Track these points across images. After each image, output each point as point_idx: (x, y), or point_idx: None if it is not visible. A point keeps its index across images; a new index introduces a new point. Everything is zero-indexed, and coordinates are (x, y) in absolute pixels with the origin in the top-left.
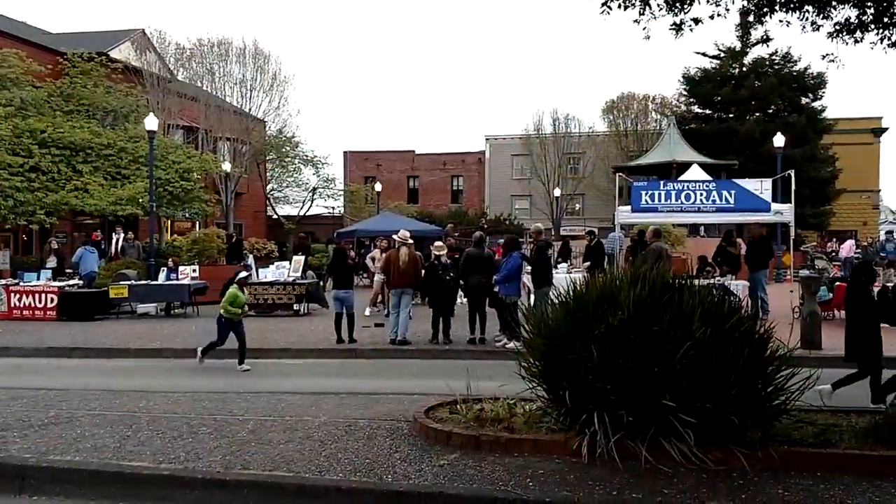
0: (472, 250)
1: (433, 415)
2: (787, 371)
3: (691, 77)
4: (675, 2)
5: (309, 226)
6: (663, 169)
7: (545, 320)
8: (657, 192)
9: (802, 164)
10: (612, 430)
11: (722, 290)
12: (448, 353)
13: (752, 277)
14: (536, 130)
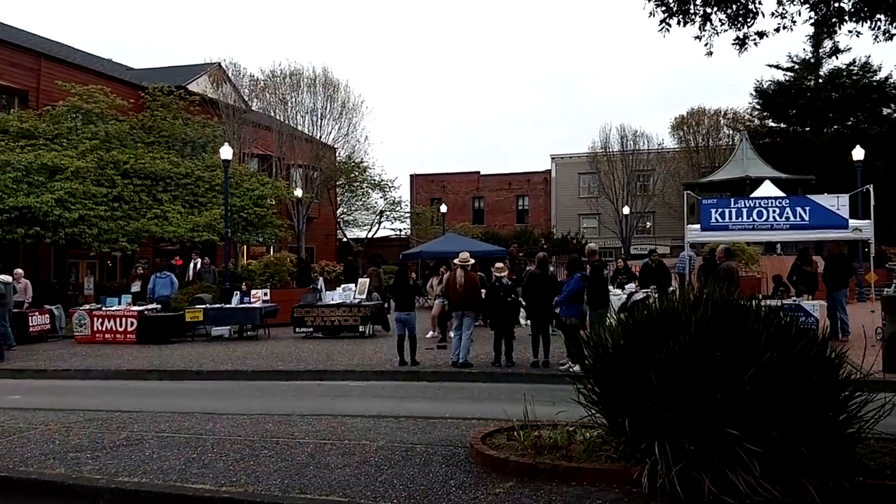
0: (535, 271)
1: (490, 441)
2: (860, 397)
3: (764, 90)
4: (737, 16)
5: (377, 248)
6: (736, 185)
7: (602, 343)
8: (727, 210)
9: (886, 177)
10: (674, 459)
11: (795, 310)
12: (510, 376)
13: (830, 297)
14: (603, 148)
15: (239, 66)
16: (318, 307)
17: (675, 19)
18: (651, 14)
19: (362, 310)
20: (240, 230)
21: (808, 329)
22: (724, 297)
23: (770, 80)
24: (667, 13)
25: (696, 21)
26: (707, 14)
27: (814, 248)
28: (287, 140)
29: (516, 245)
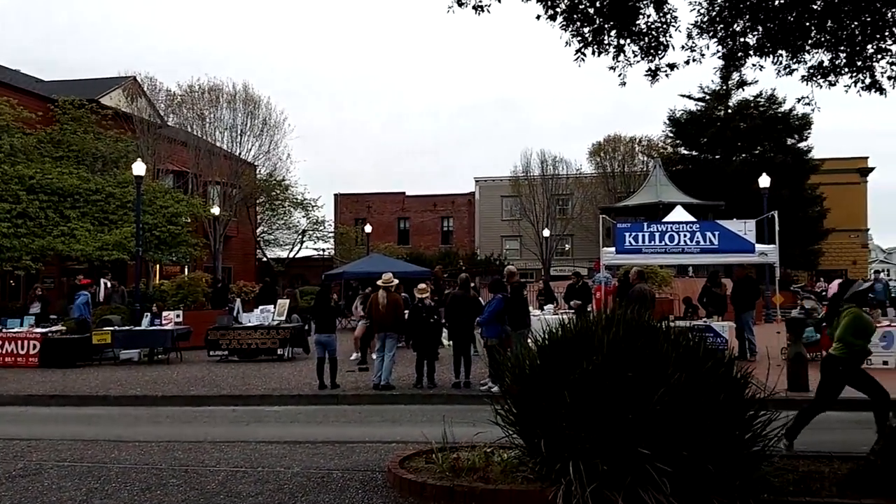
0: (457, 292)
1: (408, 465)
2: (765, 416)
3: (677, 119)
4: (649, 48)
5: (299, 268)
6: (650, 210)
7: (520, 364)
8: (641, 234)
9: (790, 204)
10: (588, 479)
11: (705, 331)
12: (433, 397)
13: (738, 318)
14: (525, 172)
15: (155, 81)
16: (234, 329)
17: (590, 49)
18: (567, 43)
19: (281, 332)
20: (152, 249)
21: (715, 349)
22: (636, 318)
23: (682, 109)
24: (582, 43)
25: (610, 52)
26: (620, 45)
27: (723, 271)
28: (205, 156)
29: (441, 266)
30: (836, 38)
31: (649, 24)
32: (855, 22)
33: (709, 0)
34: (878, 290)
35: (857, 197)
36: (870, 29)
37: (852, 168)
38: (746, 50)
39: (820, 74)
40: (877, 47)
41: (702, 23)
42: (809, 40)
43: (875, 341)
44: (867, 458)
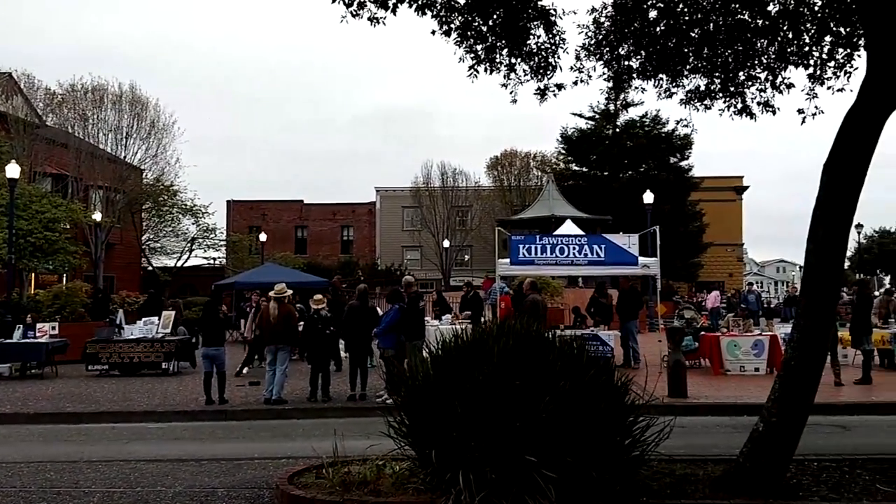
0: (354, 303)
1: (298, 480)
2: (643, 422)
3: (569, 136)
4: (539, 68)
5: (188, 278)
6: (543, 223)
7: (413, 375)
8: (533, 246)
9: (672, 219)
10: (477, 488)
11: (593, 340)
12: (327, 411)
13: (623, 328)
14: (426, 183)
15: (33, 78)
16: (115, 342)
17: (482, 66)
18: (461, 59)
19: (166, 345)
20: (26, 256)
21: (598, 357)
22: (527, 328)
23: (574, 127)
24: (475, 60)
25: (501, 70)
26: (512, 64)
27: (610, 282)
28: (87, 159)
29: (339, 276)
30: (712, 65)
31: (539, 45)
32: (728, 50)
33: (595, 24)
34: (751, 301)
35: (733, 213)
36: (741, 57)
37: (729, 186)
38: (630, 73)
39: (697, 98)
40: (747, 74)
41: (589, 45)
42: (688, 66)
43: (747, 349)
44: (737, 460)
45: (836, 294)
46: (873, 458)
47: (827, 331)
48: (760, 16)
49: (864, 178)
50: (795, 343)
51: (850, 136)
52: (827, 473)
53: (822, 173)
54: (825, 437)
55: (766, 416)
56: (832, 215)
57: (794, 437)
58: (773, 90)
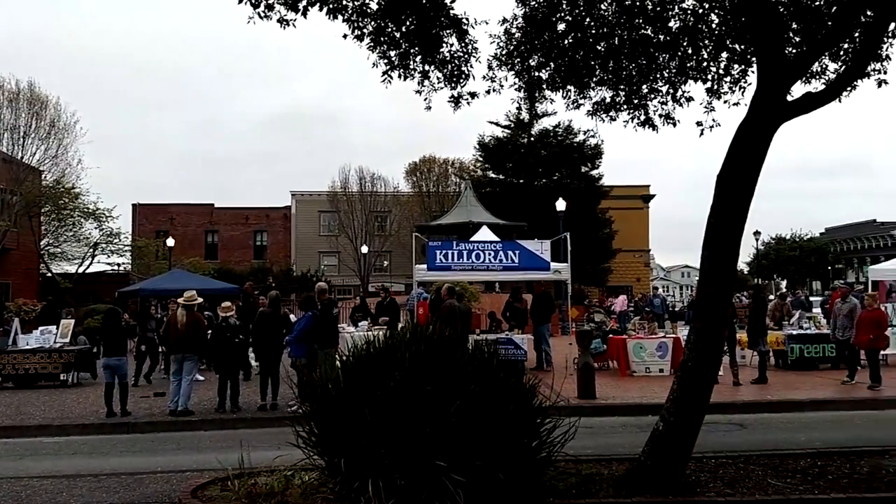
0: (266, 310)
1: (202, 494)
2: (550, 423)
3: (486, 144)
4: (452, 76)
5: (90, 284)
6: (461, 229)
7: (323, 383)
8: (450, 252)
9: (583, 225)
10: (387, 495)
11: (507, 343)
12: (237, 422)
13: (536, 332)
14: (343, 188)
15: None
16: (8, 353)
17: (396, 72)
18: (375, 65)
19: (64, 355)
20: None
21: (511, 361)
22: (439, 333)
23: (491, 135)
24: (389, 66)
25: (415, 76)
26: (425, 71)
27: (525, 287)
28: None
29: (251, 282)
30: (617, 78)
31: (452, 53)
32: (632, 64)
33: (507, 35)
34: (657, 304)
35: (640, 220)
36: (644, 71)
37: (636, 195)
38: (540, 84)
39: (603, 110)
40: (650, 88)
41: (501, 56)
42: (594, 78)
43: (652, 351)
44: (639, 458)
45: (729, 298)
46: (767, 454)
47: (721, 333)
48: (662, 31)
49: (755, 188)
50: (692, 345)
51: (741, 148)
52: (724, 469)
53: (716, 184)
54: (723, 434)
55: (666, 415)
56: (725, 223)
57: (691, 436)
58: (674, 103)
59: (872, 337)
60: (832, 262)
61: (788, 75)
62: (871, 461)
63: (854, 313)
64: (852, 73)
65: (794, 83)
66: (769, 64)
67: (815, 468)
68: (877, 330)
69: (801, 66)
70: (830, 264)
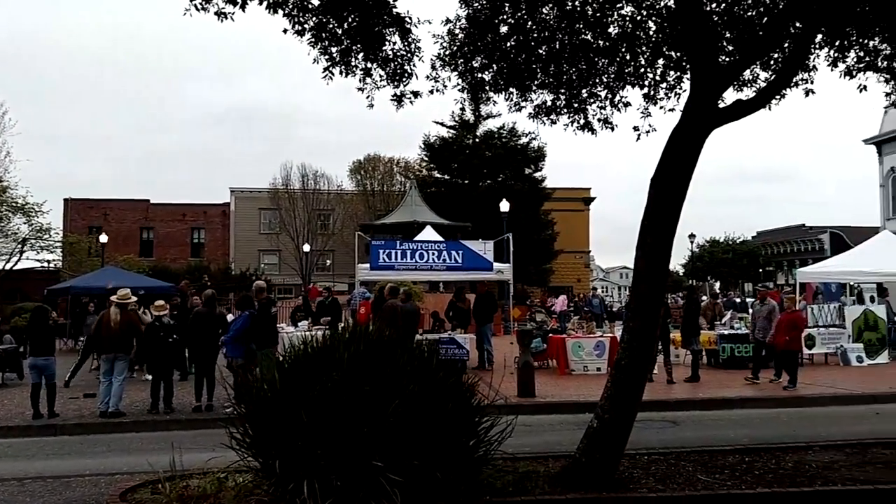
0: (202, 309)
1: (131, 497)
2: (488, 422)
3: (431, 144)
4: (395, 74)
5: (17, 282)
6: (406, 228)
7: (259, 383)
8: (394, 251)
9: (526, 227)
10: (323, 497)
11: (450, 343)
12: (170, 423)
13: (478, 331)
14: (285, 185)
15: None
16: None
17: (337, 69)
18: (316, 61)
19: None
20: None
21: (452, 361)
22: (379, 333)
23: (436, 135)
24: (330, 62)
25: (357, 74)
26: (368, 69)
27: (469, 287)
28: None
29: (188, 281)
30: (558, 82)
31: (395, 52)
32: (573, 68)
33: (450, 36)
34: (595, 304)
35: (581, 222)
36: (584, 75)
37: (578, 197)
38: (483, 85)
39: (544, 113)
40: (590, 92)
41: (444, 56)
42: (536, 81)
43: (590, 350)
44: (574, 455)
45: (661, 297)
46: (696, 450)
47: (653, 331)
48: (602, 37)
49: (686, 191)
50: (626, 344)
51: (674, 152)
52: (656, 466)
53: (650, 187)
54: (657, 431)
55: (600, 413)
56: (658, 225)
57: (625, 433)
58: (613, 108)
59: (788, 338)
60: (763, 264)
61: (720, 82)
62: (795, 457)
63: (773, 315)
64: (780, 81)
65: (726, 90)
66: (702, 71)
67: (742, 464)
68: (793, 332)
69: (732, 74)
70: (762, 267)
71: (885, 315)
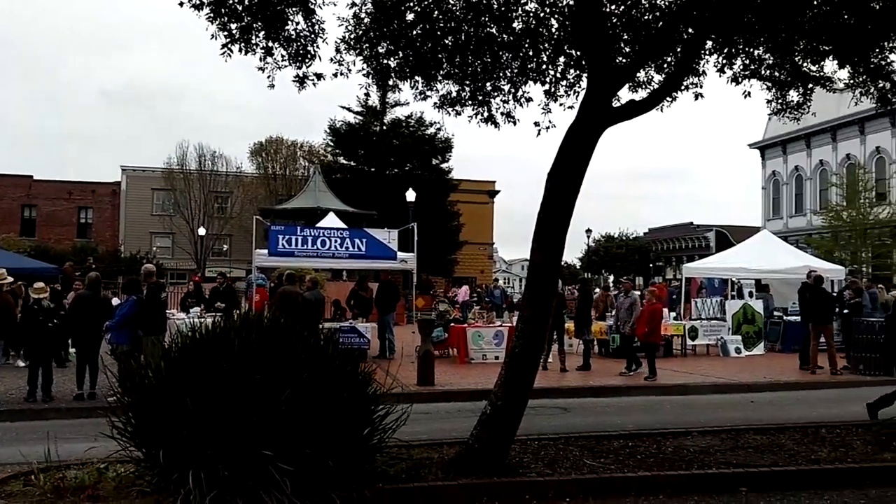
0: (84, 293)
1: (1, 490)
2: (383, 410)
3: (337, 129)
4: (297, 55)
5: None
6: (309, 214)
7: (143, 371)
8: (294, 237)
9: (432, 217)
10: (209, 487)
11: (351, 332)
12: (48, 412)
13: (380, 320)
14: (180, 165)
15: None
16: None
17: (237, 46)
18: (214, 36)
19: None
20: None
21: (348, 349)
22: (273, 321)
23: (343, 121)
24: (229, 39)
25: (257, 52)
26: (269, 48)
27: (373, 276)
28: None
29: (72, 263)
30: (463, 73)
31: (298, 32)
32: (478, 60)
33: (356, 19)
34: (497, 295)
35: (485, 215)
36: (489, 68)
37: (483, 189)
38: (388, 72)
39: (448, 103)
40: (494, 85)
41: (349, 39)
42: (441, 71)
43: (489, 339)
44: (468, 442)
45: (554, 288)
46: (584, 435)
47: (546, 321)
48: (506, 31)
49: (580, 186)
50: (519, 333)
51: (569, 148)
52: (545, 451)
53: (547, 181)
54: (549, 417)
55: (494, 400)
56: (553, 218)
57: (516, 419)
58: (515, 102)
59: (647, 330)
60: (654, 259)
61: (615, 82)
62: (675, 442)
63: (634, 308)
64: (670, 84)
65: (620, 90)
66: (598, 70)
67: (626, 448)
68: (652, 324)
69: (627, 75)
70: (652, 262)
71: (762, 309)
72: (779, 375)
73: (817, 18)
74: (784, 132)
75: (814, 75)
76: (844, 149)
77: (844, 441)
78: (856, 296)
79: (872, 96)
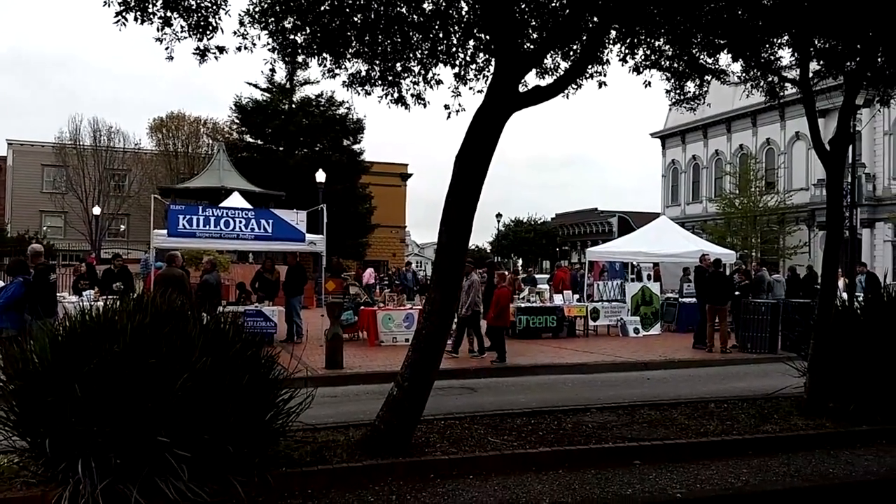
0: None
1: None
2: (286, 394)
3: (243, 106)
4: (198, 26)
5: None
6: (212, 194)
7: (26, 356)
8: (196, 217)
9: (343, 199)
10: (100, 476)
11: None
12: None
13: (287, 304)
14: (73, 140)
15: None
16: None
17: (132, 14)
18: (107, 3)
19: None
20: None
21: (251, 333)
22: (168, 304)
23: (249, 97)
24: (124, 6)
25: (155, 22)
26: (167, 18)
27: (281, 259)
28: None
29: None
30: (373, 52)
31: (199, 2)
32: (388, 40)
33: None
34: (409, 278)
35: (398, 198)
36: (399, 48)
37: (395, 172)
38: (295, 48)
39: (358, 83)
40: (404, 66)
41: (253, 12)
42: (350, 49)
43: (400, 322)
44: (374, 423)
45: (461, 270)
46: (489, 414)
47: (453, 303)
48: (416, 12)
49: (487, 169)
50: (426, 314)
51: (477, 132)
52: (451, 430)
53: (455, 164)
54: (456, 398)
55: (401, 381)
56: (461, 201)
57: (422, 400)
58: (426, 84)
59: (494, 314)
60: (560, 244)
61: (522, 67)
62: (574, 418)
63: (471, 289)
64: (574, 71)
65: (526, 75)
66: (506, 55)
67: (528, 426)
68: (498, 308)
69: (534, 60)
70: (558, 246)
71: (659, 291)
72: (673, 354)
73: (714, 13)
74: (683, 122)
75: (710, 67)
76: (738, 140)
77: (731, 414)
78: (745, 278)
79: (762, 90)
